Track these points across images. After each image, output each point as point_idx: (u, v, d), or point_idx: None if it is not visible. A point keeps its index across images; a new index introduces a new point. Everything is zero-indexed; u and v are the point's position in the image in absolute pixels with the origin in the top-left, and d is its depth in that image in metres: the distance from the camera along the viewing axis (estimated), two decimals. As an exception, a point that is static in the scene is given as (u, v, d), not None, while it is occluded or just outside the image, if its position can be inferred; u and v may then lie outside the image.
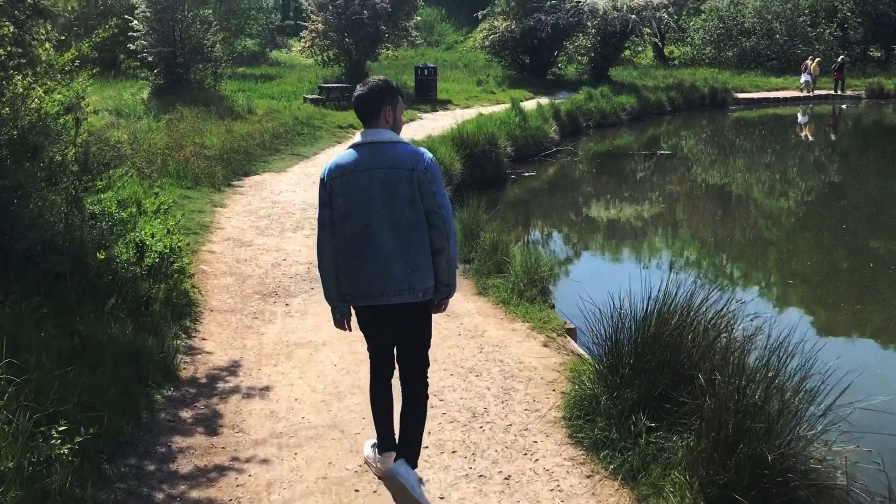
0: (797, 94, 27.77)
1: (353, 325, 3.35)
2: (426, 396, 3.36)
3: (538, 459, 3.62)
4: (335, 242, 3.15)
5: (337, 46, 21.52)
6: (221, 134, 12.31)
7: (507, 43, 25.40)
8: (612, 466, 3.45)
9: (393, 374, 3.47)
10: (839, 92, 28.08)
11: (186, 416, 4.09)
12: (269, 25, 30.20)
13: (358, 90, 3.21)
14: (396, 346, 3.35)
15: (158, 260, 5.55)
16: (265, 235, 7.88)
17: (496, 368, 4.62)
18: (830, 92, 28.06)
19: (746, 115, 24.75)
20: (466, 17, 36.70)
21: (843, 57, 29.09)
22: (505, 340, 5.06)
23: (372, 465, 3.55)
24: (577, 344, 5.13)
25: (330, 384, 4.45)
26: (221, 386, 4.46)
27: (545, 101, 19.42)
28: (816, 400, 3.06)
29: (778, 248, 10.08)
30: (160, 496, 3.34)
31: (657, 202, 12.78)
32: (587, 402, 3.85)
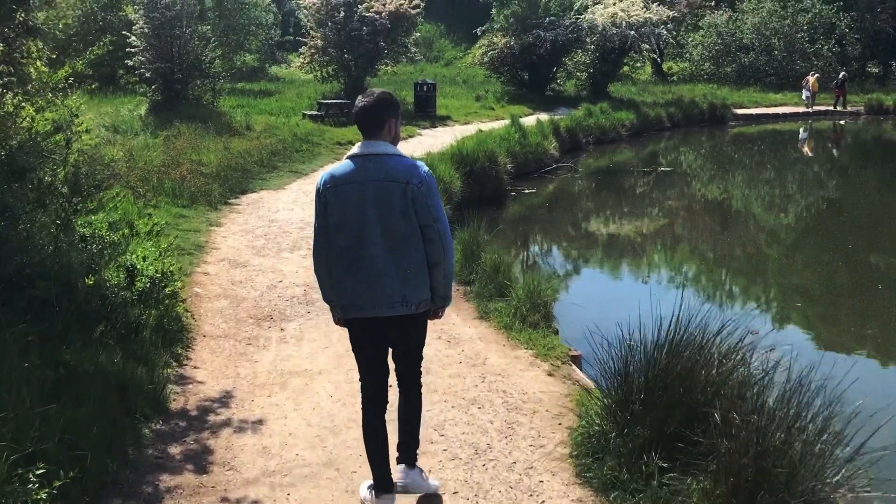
0: (796, 109, 27.76)
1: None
2: (421, 393, 3.43)
3: (544, 501, 3.43)
4: (328, 253, 3.16)
5: (336, 62, 21.45)
6: (219, 151, 12.18)
7: (506, 59, 25.36)
8: (622, 509, 3.27)
9: (386, 406, 3.37)
10: (839, 108, 28.07)
11: (175, 452, 3.90)
12: (268, 41, 30.14)
13: (362, 101, 3.19)
14: (392, 351, 3.35)
15: (150, 284, 5.37)
16: (261, 256, 7.72)
17: (499, 400, 4.44)
18: (829, 108, 28.04)
19: (746, 130, 24.70)
20: (465, 33, 36.75)
21: (844, 73, 29.13)
22: (508, 369, 4.88)
23: (369, 507, 3.38)
24: (582, 373, 4.95)
25: (325, 417, 4.26)
26: (213, 419, 4.27)
27: (544, 117, 19.33)
28: (843, 442, 2.88)
29: (788, 268, 9.82)
30: (144, 542, 3.15)
31: (659, 220, 12.65)
32: (595, 438, 3.67)
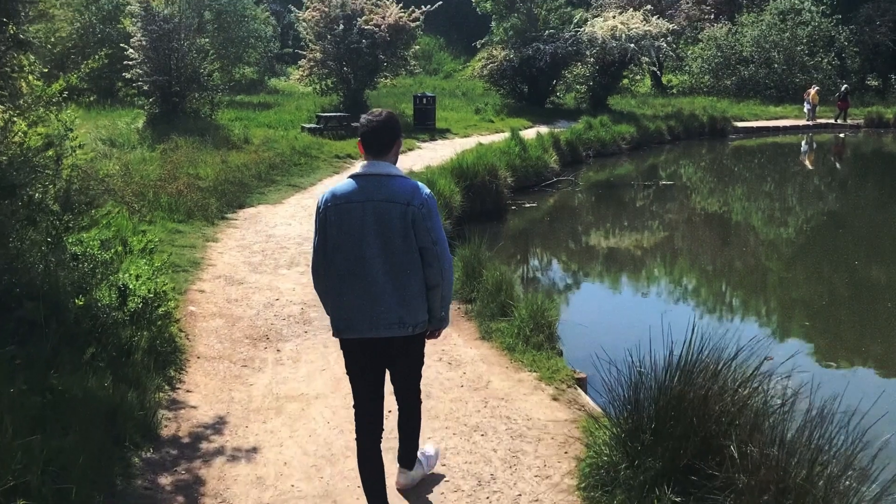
0: (797, 122, 27.73)
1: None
2: (420, 404, 3.50)
3: (552, 537, 3.27)
4: (326, 272, 3.15)
5: (335, 75, 21.39)
6: (216, 164, 12.05)
7: (505, 72, 25.32)
8: (634, 547, 3.11)
9: (381, 434, 3.31)
10: (840, 121, 28.03)
11: (165, 482, 3.74)
12: (267, 54, 30.10)
13: (370, 120, 3.14)
14: (390, 372, 3.35)
15: (142, 304, 5.22)
16: (258, 272, 7.57)
17: (503, 426, 4.28)
18: (830, 121, 28.00)
19: (746, 143, 24.63)
20: (464, 46, 36.80)
21: (846, 86, 29.14)
22: (511, 393, 4.72)
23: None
24: (588, 397, 4.79)
25: (322, 445, 4.10)
26: (205, 446, 4.11)
27: (544, 129, 19.25)
28: (869, 478, 2.72)
29: (804, 288, 9.43)
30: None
31: (662, 235, 12.51)
32: (604, 470, 3.50)
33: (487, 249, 7.36)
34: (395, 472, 3.60)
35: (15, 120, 5.51)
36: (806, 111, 27.70)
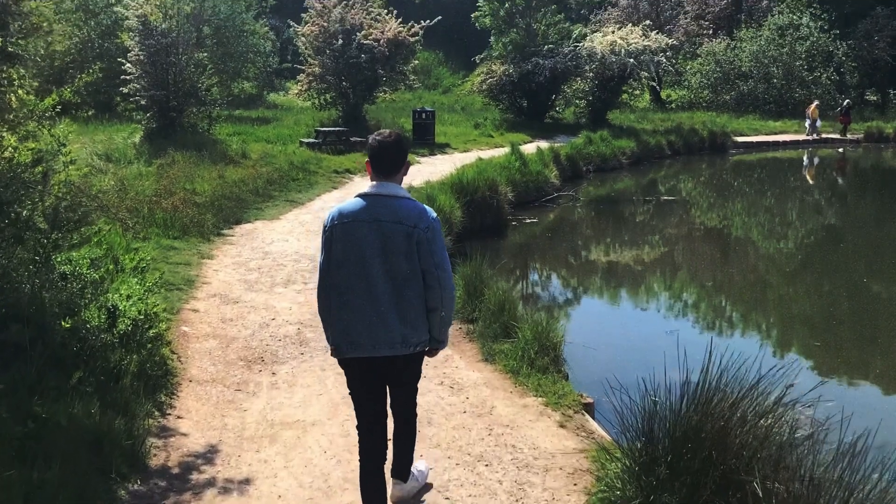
0: (797, 137, 27.68)
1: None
2: (415, 416, 3.52)
3: (563, 578, 3.07)
4: (330, 290, 3.17)
5: (334, 90, 21.29)
6: (213, 179, 11.89)
7: (504, 87, 25.25)
8: (651, 590, 2.91)
9: (385, 458, 3.36)
10: (839, 136, 28.01)
11: (152, 517, 3.54)
12: (266, 68, 30.06)
13: (380, 141, 3.17)
14: (388, 386, 3.36)
15: (132, 326, 5.03)
16: (254, 291, 7.38)
17: (508, 456, 4.08)
18: (835, 136, 27.95)
19: (746, 158, 24.54)
20: (463, 60, 36.82)
21: (848, 101, 29.14)
22: (516, 420, 4.53)
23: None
24: (596, 423, 4.59)
25: (318, 476, 3.90)
26: (195, 478, 3.91)
27: (544, 144, 19.13)
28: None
29: (826, 310, 8.84)
30: None
31: (665, 251, 12.34)
32: (618, 505, 3.31)
33: (489, 267, 7.18)
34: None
35: (3, 135, 5.35)
36: (807, 126, 27.65)
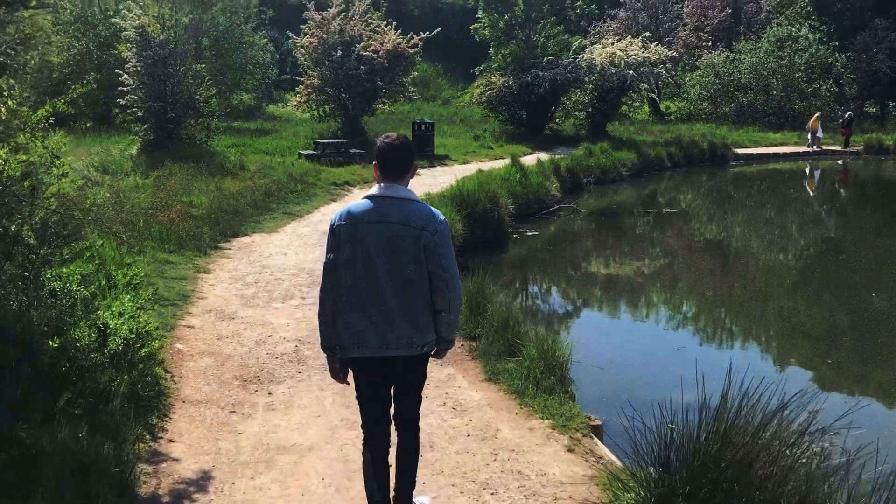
0: (797, 149, 27.62)
1: (350, 379, 3.31)
2: (418, 432, 3.42)
3: None
4: (335, 290, 3.15)
5: (333, 101, 21.19)
6: (211, 192, 11.74)
7: (504, 98, 25.18)
8: None
9: (389, 448, 3.34)
10: (841, 148, 27.95)
11: (140, 551, 3.35)
12: (265, 80, 29.99)
13: (388, 144, 3.18)
14: (393, 389, 3.33)
15: (123, 345, 4.85)
16: (250, 306, 7.20)
17: (515, 483, 3.89)
18: (837, 148, 27.89)
19: (747, 170, 24.46)
20: (462, 72, 36.79)
21: (850, 113, 29.13)
22: (522, 444, 4.35)
23: None
24: (605, 447, 4.41)
25: (317, 506, 3.72)
26: (186, 507, 3.72)
27: (544, 156, 19.01)
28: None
29: (854, 329, 8.43)
30: None
31: (669, 265, 12.18)
32: (633, 539, 3.13)
33: (491, 282, 7.02)
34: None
35: (-8, 147, 5.18)
36: (808, 137, 27.60)
